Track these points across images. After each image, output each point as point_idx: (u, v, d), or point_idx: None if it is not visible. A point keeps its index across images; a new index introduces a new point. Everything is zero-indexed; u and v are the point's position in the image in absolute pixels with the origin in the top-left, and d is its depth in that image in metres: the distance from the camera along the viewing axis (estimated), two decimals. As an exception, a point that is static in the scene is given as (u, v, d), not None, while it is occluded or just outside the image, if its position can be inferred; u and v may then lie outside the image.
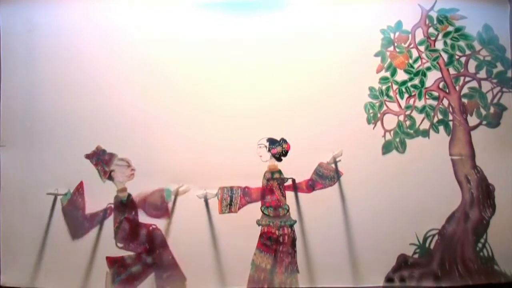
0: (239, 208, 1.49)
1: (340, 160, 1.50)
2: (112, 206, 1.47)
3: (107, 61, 1.52)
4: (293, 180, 1.51)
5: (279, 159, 1.51)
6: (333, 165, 1.50)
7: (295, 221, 1.50)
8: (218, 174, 1.50)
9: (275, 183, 1.50)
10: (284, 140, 1.51)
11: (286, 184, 1.51)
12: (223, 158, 1.50)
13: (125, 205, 1.47)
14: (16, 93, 1.50)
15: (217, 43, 1.53)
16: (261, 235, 1.49)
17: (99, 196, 1.47)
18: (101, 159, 1.47)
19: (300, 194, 1.50)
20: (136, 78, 1.52)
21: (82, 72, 1.51)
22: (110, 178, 1.48)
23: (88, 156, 1.48)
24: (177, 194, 1.48)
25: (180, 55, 1.52)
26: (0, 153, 1.49)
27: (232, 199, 1.49)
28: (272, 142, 1.51)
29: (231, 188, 1.50)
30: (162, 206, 1.48)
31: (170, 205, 1.48)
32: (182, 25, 1.53)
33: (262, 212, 1.50)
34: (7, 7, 1.52)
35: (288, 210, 1.50)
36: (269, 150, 1.51)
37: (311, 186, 1.50)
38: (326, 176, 1.50)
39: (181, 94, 1.52)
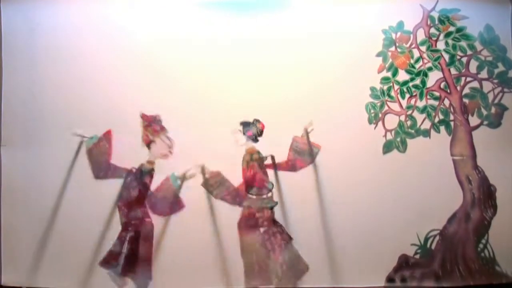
0: (220, 199, 1.49)
1: (312, 130, 1.50)
2: (134, 170, 1.49)
3: (108, 60, 1.52)
4: (272, 157, 1.50)
5: (255, 140, 1.51)
6: (306, 137, 1.50)
7: (276, 203, 1.49)
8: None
9: (255, 163, 1.50)
10: (257, 120, 1.51)
11: (266, 163, 1.50)
12: (220, 159, 1.50)
13: (142, 175, 1.48)
14: (17, 92, 1.51)
15: (217, 42, 1.53)
16: (241, 219, 1.49)
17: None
18: (152, 126, 1.49)
19: (299, 191, 1.50)
20: (137, 77, 1.52)
21: (83, 71, 1.51)
22: (148, 146, 1.49)
23: (143, 116, 1.49)
24: (184, 178, 1.49)
25: (180, 54, 1.52)
26: (1, 152, 1.49)
27: (219, 186, 1.49)
28: (245, 124, 1.51)
29: (225, 179, 1.50)
30: (174, 199, 1.48)
31: (181, 196, 1.49)
32: (182, 25, 1.54)
33: (249, 194, 1.49)
34: (9, 6, 1.53)
35: (271, 190, 1.50)
36: (244, 133, 1.51)
37: (292, 166, 1.50)
38: (303, 151, 1.50)
39: (180, 93, 1.52)
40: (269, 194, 1.50)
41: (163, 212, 1.48)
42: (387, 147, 1.52)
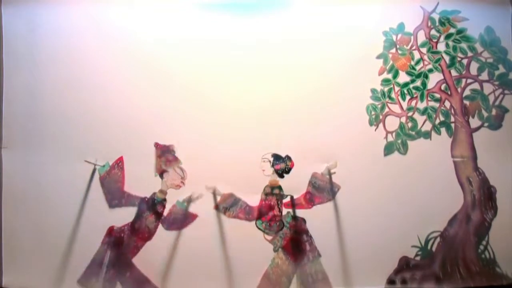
0: (233, 217, 1.48)
1: (335, 172, 1.49)
2: (147, 198, 1.48)
3: (109, 62, 1.52)
4: (291, 197, 1.49)
5: (281, 176, 1.50)
6: (327, 176, 1.49)
7: (293, 216, 1.48)
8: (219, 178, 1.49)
9: (274, 198, 1.50)
10: (288, 158, 1.50)
11: (284, 201, 1.50)
12: (223, 165, 1.50)
13: (154, 205, 1.47)
14: (18, 94, 1.50)
15: (218, 44, 1.53)
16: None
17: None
18: (166, 156, 1.48)
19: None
20: (138, 80, 1.51)
21: (84, 73, 1.51)
22: (161, 176, 1.48)
23: (157, 145, 1.48)
24: (190, 201, 1.48)
25: (181, 55, 1.52)
26: (2, 154, 1.49)
27: (232, 206, 1.48)
28: (276, 158, 1.50)
29: (238, 198, 1.49)
30: (184, 215, 1.48)
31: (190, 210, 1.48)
32: (183, 26, 1.53)
33: (257, 227, 1.48)
34: (9, 8, 1.52)
35: (281, 227, 1.48)
36: (272, 165, 1.50)
37: (310, 200, 1.49)
38: (323, 188, 1.49)
39: (183, 95, 1.51)
40: (281, 225, 1.49)
41: (177, 227, 1.47)
42: (388, 149, 1.52)
